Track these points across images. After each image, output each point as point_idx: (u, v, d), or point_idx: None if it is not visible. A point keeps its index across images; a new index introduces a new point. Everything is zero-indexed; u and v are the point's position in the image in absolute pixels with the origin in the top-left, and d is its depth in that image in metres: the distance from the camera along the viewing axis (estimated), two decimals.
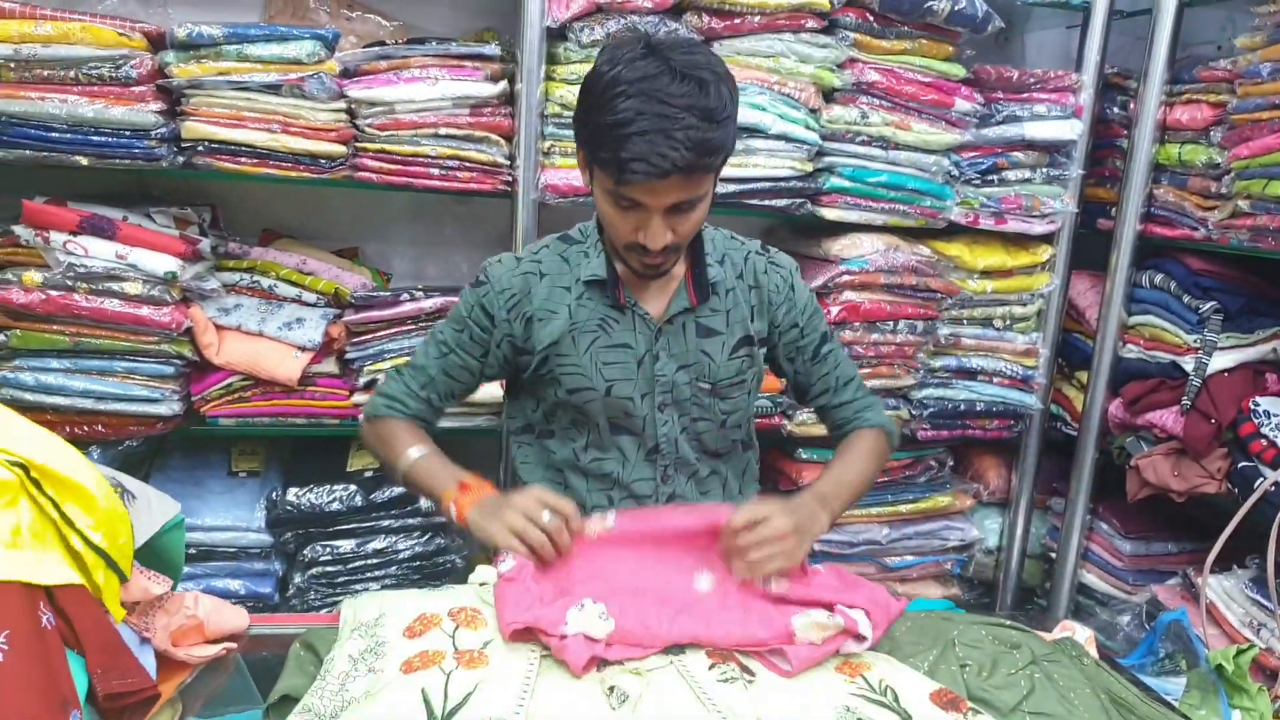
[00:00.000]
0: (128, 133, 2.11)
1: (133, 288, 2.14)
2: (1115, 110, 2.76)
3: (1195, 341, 2.46)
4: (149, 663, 1.24)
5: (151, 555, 1.33)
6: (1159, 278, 2.60)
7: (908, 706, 1.14)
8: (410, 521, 2.43)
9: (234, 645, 1.35)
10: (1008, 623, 1.39)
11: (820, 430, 2.18)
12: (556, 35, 2.32)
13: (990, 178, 2.63)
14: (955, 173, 2.58)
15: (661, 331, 1.58)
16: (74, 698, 1.03)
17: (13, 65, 2.05)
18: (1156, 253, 2.66)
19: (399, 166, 2.30)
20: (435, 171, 2.31)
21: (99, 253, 2.12)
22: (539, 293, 1.58)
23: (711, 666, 1.19)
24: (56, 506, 1.09)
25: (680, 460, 1.66)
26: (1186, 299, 2.51)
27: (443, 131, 2.28)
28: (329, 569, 2.38)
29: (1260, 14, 2.32)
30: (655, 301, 1.59)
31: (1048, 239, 2.73)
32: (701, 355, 1.60)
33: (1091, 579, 2.86)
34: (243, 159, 2.20)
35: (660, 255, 1.45)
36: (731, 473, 1.76)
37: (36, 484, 1.09)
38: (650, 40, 1.38)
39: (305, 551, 2.37)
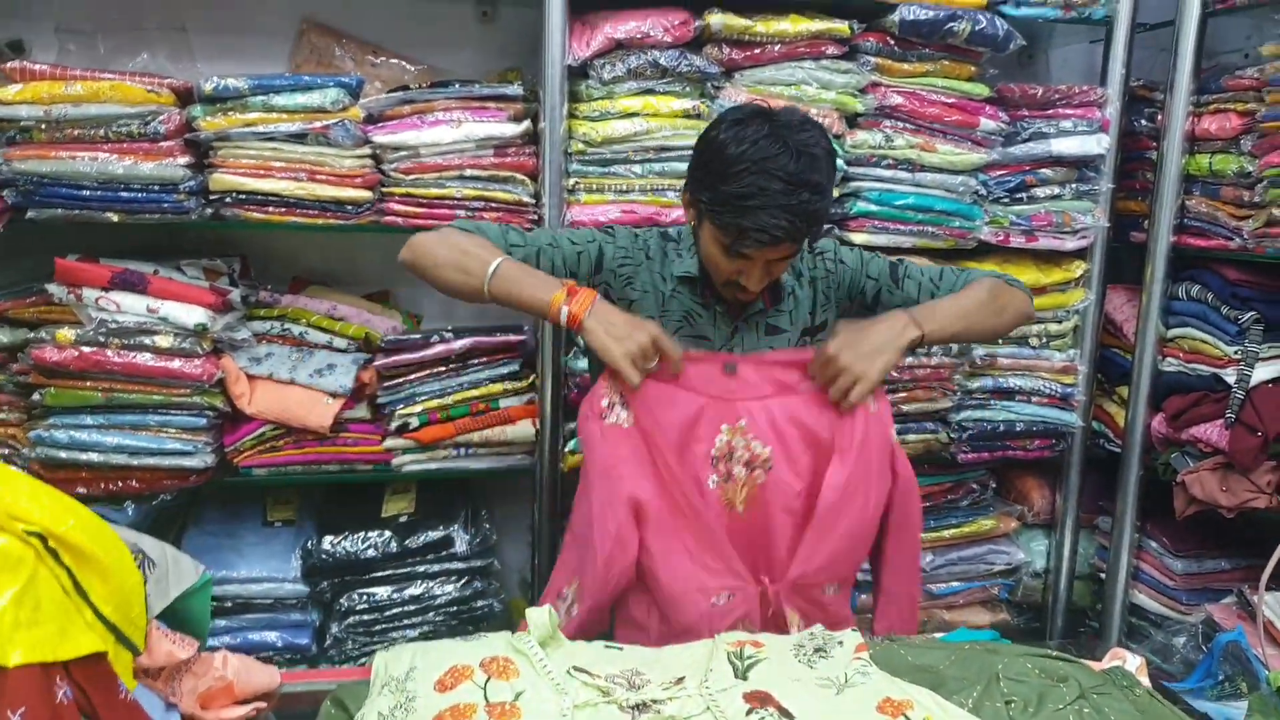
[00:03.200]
0: (156, 187, 2.14)
1: (164, 341, 2.16)
2: (1143, 123, 2.73)
3: (1236, 353, 2.41)
4: None
5: (173, 619, 1.32)
6: (1195, 289, 2.56)
7: None
8: (447, 566, 2.42)
9: (264, 705, 1.34)
10: (1054, 653, 1.35)
11: None
12: (578, 73, 2.33)
13: (1019, 195, 2.61)
14: (983, 192, 2.56)
15: (737, 329, 1.75)
16: None
17: (44, 126, 2.09)
18: (1191, 264, 2.61)
19: (425, 209, 2.31)
20: (462, 213, 2.31)
21: (131, 307, 2.15)
22: (643, 271, 1.75)
23: (750, 712, 1.17)
24: (73, 577, 1.08)
25: None
26: (1225, 310, 2.46)
27: (468, 173, 2.29)
28: (366, 618, 2.37)
29: None
30: (735, 302, 1.74)
31: (1080, 254, 2.69)
32: (768, 350, 1.75)
33: (1144, 599, 2.79)
34: (270, 208, 2.22)
35: (754, 293, 1.66)
36: None
37: (54, 554, 1.08)
38: (771, 118, 1.55)
39: (342, 600, 2.36)
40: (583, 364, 2.39)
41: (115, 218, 2.14)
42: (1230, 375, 2.42)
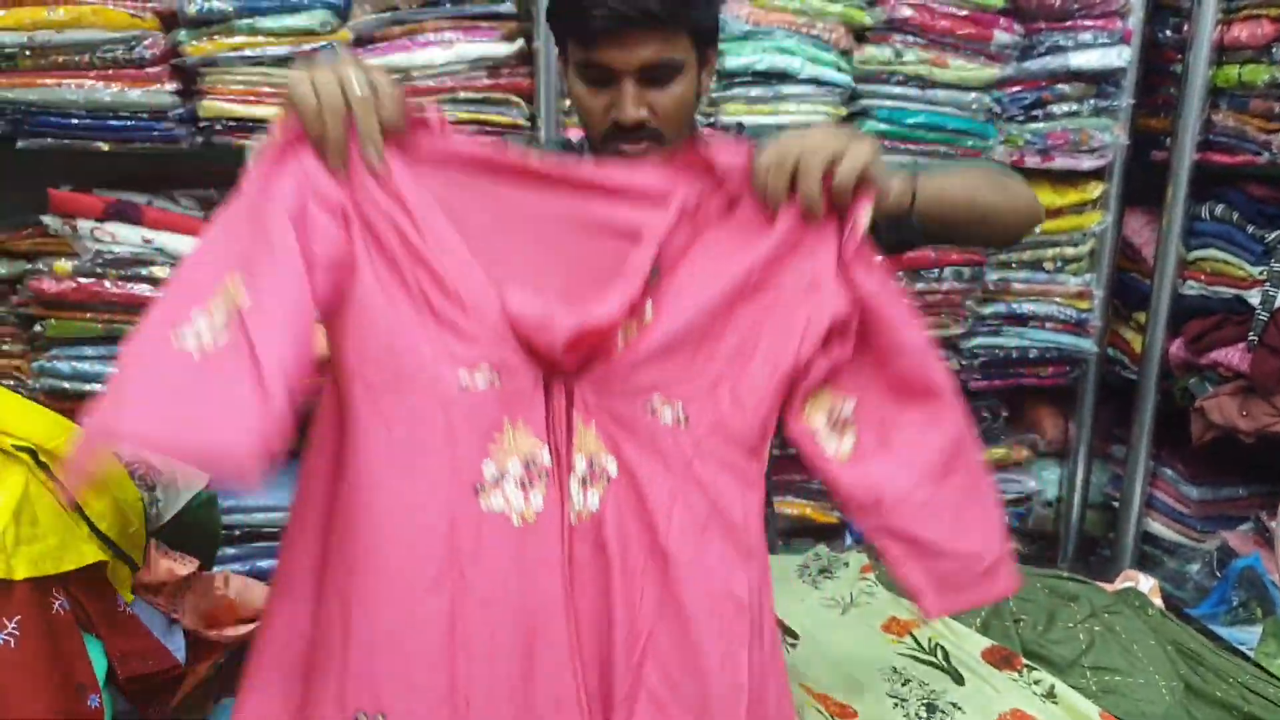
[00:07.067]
0: (145, 115, 2.09)
1: (160, 272, 2.12)
2: (1167, 34, 2.61)
3: (1261, 273, 2.33)
4: (178, 644, 1.22)
5: (183, 532, 1.30)
6: (1219, 208, 2.48)
7: (958, 665, 1.08)
8: None
9: None
10: (1065, 574, 1.32)
11: None
12: None
13: (1035, 113, 2.52)
14: (997, 110, 2.47)
15: None
16: (91, 682, 1.01)
17: (28, 52, 2.03)
18: (1215, 183, 2.53)
19: None
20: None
21: (126, 238, 2.11)
22: None
23: None
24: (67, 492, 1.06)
25: None
26: (1251, 229, 2.38)
27: (461, 95, 2.22)
28: None
29: None
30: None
31: (1098, 174, 2.61)
32: None
33: (1158, 527, 2.76)
34: (261, 135, 2.17)
35: (637, 137, 1.29)
36: None
37: (45, 468, 1.07)
38: None
39: None
40: None
41: (106, 146, 2.10)
42: (1254, 296, 2.34)
